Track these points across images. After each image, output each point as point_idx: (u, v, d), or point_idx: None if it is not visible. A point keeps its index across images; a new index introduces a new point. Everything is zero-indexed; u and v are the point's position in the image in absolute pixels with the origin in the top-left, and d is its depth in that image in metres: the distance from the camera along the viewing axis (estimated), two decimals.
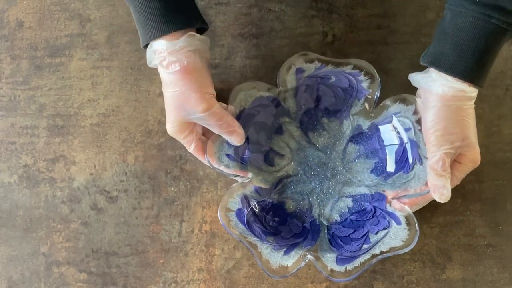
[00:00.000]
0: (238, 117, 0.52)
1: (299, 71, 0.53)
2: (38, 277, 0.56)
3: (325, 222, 0.55)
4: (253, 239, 0.50)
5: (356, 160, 0.56)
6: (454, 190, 0.56)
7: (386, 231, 0.51)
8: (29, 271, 0.56)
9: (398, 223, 0.50)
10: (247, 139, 0.54)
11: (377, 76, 0.52)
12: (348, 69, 0.53)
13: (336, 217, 0.55)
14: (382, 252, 0.49)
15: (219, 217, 0.50)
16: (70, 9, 0.60)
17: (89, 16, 0.60)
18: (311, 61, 0.53)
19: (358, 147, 0.56)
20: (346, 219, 0.54)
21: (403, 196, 0.51)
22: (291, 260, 0.50)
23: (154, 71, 0.59)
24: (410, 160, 0.52)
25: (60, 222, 0.57)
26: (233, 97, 0.52)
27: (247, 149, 0.54)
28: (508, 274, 0.54)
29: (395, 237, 0.50)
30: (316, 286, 0.54)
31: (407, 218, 0.50)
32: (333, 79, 0.54)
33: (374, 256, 0.49)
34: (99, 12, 0.60)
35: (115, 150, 0.58)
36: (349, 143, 0.56)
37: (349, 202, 0.55)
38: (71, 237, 0.56)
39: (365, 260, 0.48)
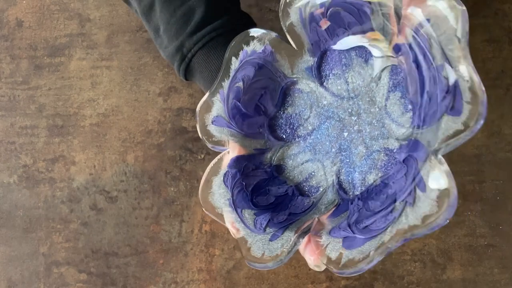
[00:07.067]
0: (245, 94, 0.40)
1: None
2: (37, 277, 0.56)
3: (357, 191, 0.38)
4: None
5: (393, 94, 0.37)
6: None
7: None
8: (29, 271, 0.56)
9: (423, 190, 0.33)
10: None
11: None
12: None
13: (375, 177, 0.38)
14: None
15: (201, 201, 0.40)
16: (70, 9, 0.60)
17: (89, 16, 0.60)
18: None
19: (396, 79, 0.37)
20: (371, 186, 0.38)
21: None
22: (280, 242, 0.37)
23: (154, 70, 0.59)
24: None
25: (60, 222, 0.56)
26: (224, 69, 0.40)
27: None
28: (508, 274, 0.54)
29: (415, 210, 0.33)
30: (316, 286, 0.54)
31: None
32: None
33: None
34: (99, 12, 0.60)
35: (115, 150, 0.58)
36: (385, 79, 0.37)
37: (382, 156, 0.38)
38: (70, 237, 0.56)
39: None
